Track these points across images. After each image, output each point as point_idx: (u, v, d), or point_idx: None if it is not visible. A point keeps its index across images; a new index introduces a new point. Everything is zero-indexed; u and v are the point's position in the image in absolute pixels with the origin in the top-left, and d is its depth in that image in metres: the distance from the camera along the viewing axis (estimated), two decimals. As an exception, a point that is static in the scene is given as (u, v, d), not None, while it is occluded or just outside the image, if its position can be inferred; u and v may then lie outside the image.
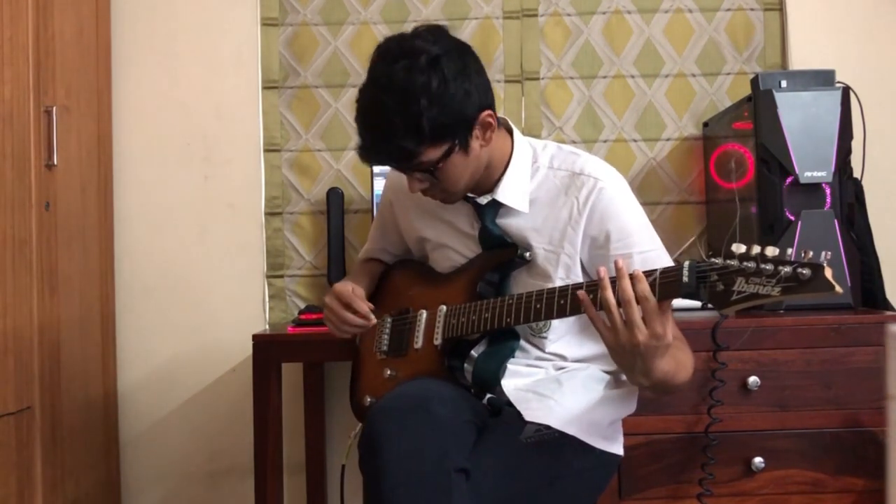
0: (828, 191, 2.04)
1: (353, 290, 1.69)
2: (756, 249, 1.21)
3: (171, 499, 2.55)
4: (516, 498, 1.45)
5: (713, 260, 1.24)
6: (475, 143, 1.51)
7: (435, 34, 1.48)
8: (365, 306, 1.66)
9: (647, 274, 1.30)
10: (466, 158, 1.51)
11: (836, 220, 2.02)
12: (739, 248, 1.22)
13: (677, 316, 1.95)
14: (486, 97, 1.51)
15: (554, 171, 1.59)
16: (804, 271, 1.16)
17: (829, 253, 1.17)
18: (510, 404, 1.54)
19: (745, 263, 1.21)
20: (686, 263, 1.27)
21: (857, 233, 2.11)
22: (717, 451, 1.92)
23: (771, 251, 1.19)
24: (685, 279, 1.26)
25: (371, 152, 1.51)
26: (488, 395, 1.58)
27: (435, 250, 1.71)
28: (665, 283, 1.28)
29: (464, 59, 1.48)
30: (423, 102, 1.41)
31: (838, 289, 1.15)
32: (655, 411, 1.92)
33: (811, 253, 1.17)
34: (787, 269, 1.17)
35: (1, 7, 1.93)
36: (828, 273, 1.15)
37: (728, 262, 1.23)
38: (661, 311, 1.29)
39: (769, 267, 1.19)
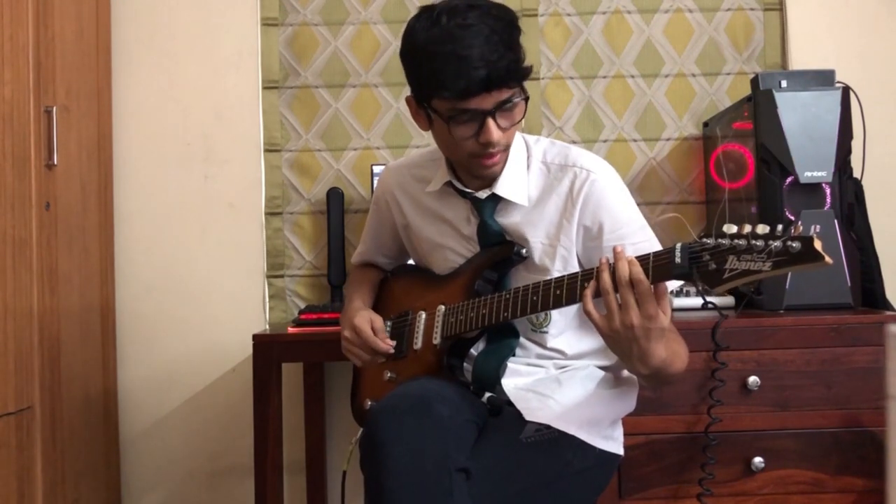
0: (828, 191, 2.04)
1: (371, 325, 1.67)
2: (747, 228, 1.21)
3: (172, 499, 2.55)
4: (516, 497, 1.45)
5: (705, 240, 1.25)
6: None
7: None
8: (385, 346, 1.65)
9: (641, 258, 1.32)
10: (524, 111, 1.52)
11: (836, 220, 2.02)
12: (731, 228, 1.23)
13: (677, 316, 1.96)
14: None
15: (547, 165, 1.60)
16: (794, 244, 1.16)
17: (819, 226, 1.17)
18: (510, 403, 1.54)
19: (735, 241, 1.22)
20: (678, 245, 1.28)
21: (857, 233, 2.11)
22: (717, 451, 1.92)
23: (762, 228, 1.20)
24: (678, 260, 1.27)
25: (492, 66, 1.41)
26: (488, 394, 1.58)
27: (433, 251, 1.71)
28: (658, 265, 1.30)
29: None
30: (517, 35, 1.46)
31: (828, 259, 1.15)
32: (655, 411, 1.92)
33: (801, 227, 1.17)
34: (777, 243, 1.17)
35: (1, 7, 1.93)
36: (817, 244, 1.15)
37: (719, 241, 1.23)
38: (654, 294, 1.30)
39: (759, 243, 1.19)
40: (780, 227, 1.19)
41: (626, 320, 1.31)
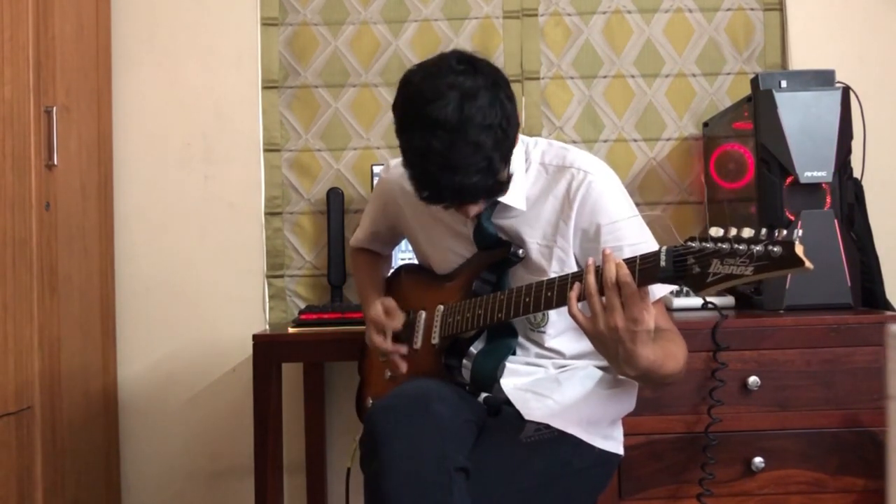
0: (828, 191, 2.04)
1: (384, 312, 1.70)
2: (732, 231, 1.21)
3: (171, 499, 2.55)
4: (516, 497, 1.45)
5: (690, 244, 1.25)
6: None
7: (465, 63, 1.45)
8: (397, 324, 1.69)
9: (628, 261, 1.32)
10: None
11: (836, 220, 2.02)
12: (717, 231, 1.23)
13: (677, 316, 1.96)
14: None
15: (545, 167, 1.61)
16: (775, 249, 1.15)
17: (801, 231, 1.17)
18: (508, 403, 1.54)
19: (720, 245, 1.21)
20: (664, 248, 1.28)
21: (857, 233, 2.11)
22: (717, 451, 1.92)
23: (746, 232, 1.20)
24: (663, 264, 1.27)
25: (460, 193, 1.44)
26: (484, 394, 1.58)
27: (434, 251, 1.71)
28: (644, 269, 1.30)
29: (502, 79, 1.48)
30: (510, 131, 1.44)
31: (808, 264, 1.14)
32: (655, 411, 1.92)
33: (784, 231, 1.17)
34: (759, 247, 1.17)
35: (1, 7, 1.93)
36: (798, 249, 1.14)
37: (704, 244, 1.23)
38: (640, 297, 1.30)
39: (743, 247, 1.19)
40: (763, 230, 1.19)
41: (611, 322, 1.31)
